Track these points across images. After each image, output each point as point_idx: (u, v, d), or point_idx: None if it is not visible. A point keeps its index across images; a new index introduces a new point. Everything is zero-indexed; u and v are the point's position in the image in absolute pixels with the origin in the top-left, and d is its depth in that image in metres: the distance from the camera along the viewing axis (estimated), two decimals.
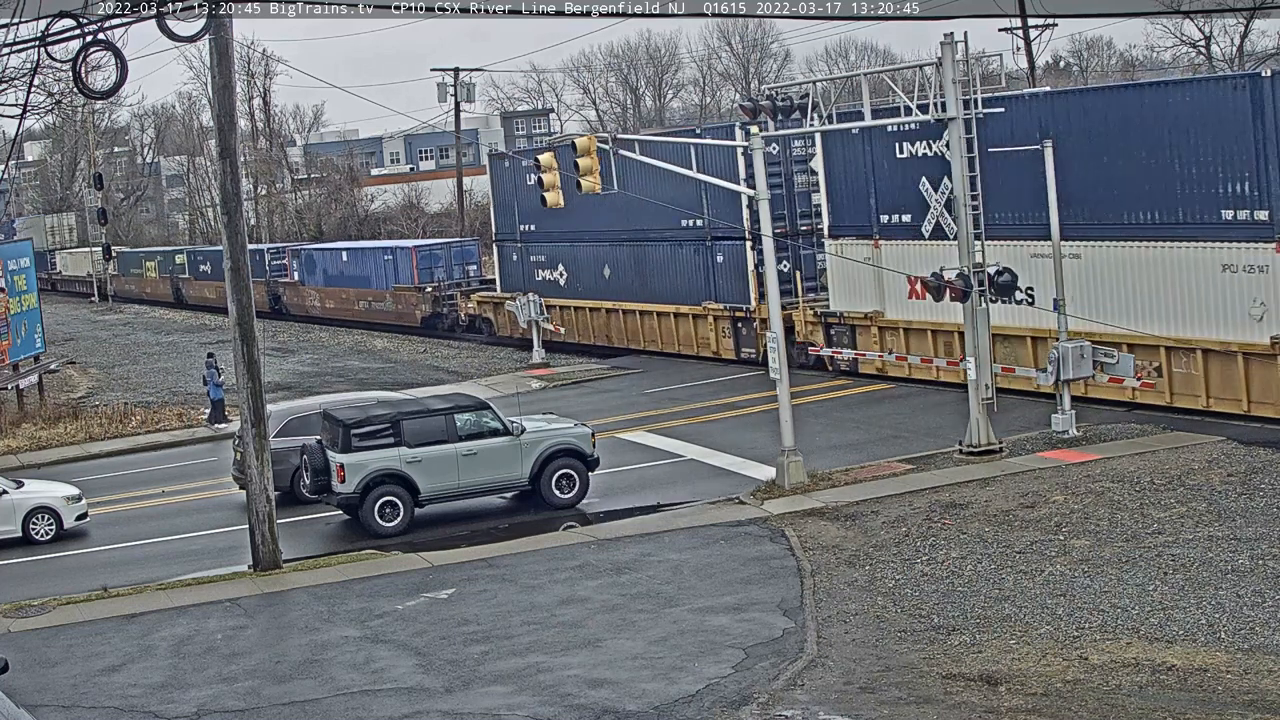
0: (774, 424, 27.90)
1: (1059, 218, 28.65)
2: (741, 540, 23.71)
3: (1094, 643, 17.68)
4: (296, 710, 17.55)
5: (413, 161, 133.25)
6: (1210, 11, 63.77)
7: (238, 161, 24.81)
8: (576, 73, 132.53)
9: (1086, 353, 28.77)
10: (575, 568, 22.87)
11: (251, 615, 21.91)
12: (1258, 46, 75.03)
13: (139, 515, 30.73)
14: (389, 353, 55.47)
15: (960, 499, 24.88)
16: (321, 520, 28.53)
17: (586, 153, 29.83)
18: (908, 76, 29.25)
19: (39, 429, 41.09)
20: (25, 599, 23.91)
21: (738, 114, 70.55)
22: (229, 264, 24.54)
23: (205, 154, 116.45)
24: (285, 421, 30.07)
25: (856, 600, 20.13)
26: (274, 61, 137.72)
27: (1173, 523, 22.32)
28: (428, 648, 19.48)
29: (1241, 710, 15.33)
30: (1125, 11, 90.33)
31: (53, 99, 53.29)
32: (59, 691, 18.88)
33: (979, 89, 28.22)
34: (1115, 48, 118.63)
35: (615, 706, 16.65)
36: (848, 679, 17.06)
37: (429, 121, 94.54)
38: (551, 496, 27.79)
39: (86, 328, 77.16)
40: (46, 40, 21.41)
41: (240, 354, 24.67)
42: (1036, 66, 59.68)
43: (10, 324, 43.82)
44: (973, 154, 27.96)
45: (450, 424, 27.31)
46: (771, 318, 27.66)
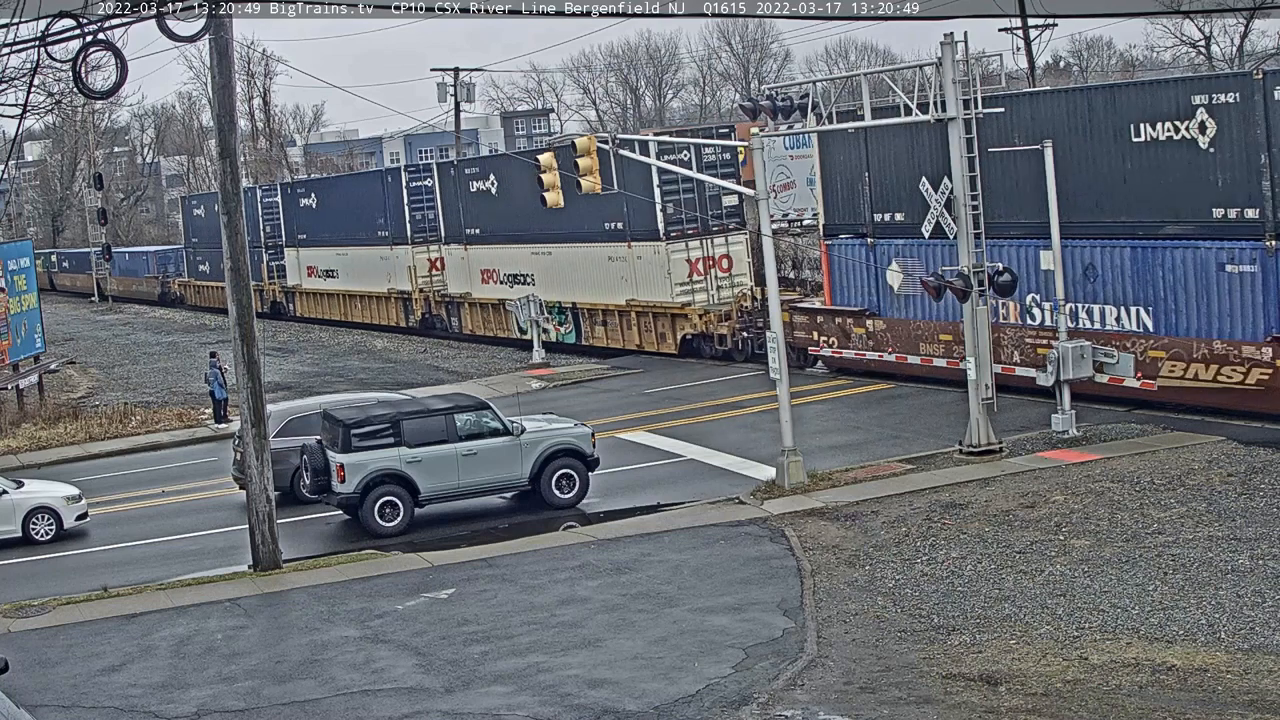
0: (774, 424, 27.90)
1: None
2: (741, 540, 23.71)
3: (1094, 643, 17.68)
4: (296, 710, 17.55)
5: (413, 162, 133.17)
6: (1210, 11, 63.80)
7: (238, 161, 24.82)
8: (576, 73, 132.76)
9: (1086, 353, 28.81)
10: (575, 568, 22.87)
11: (251, 615, 21.91)
12: (1258, 46, 75.13)
13: (139, 515, 30.73)
14: (389, 353, 55.49)
15: (960, 499, 24.88)
16: (321, 520, 28.54)
17: (587, 152, 29.87)
18: (908, 76, 29.23)
19: (39, 429, 41.10)
20: (25, 599, 23.91)
21: (738, 114, 70.56)
22: (229, 264, 24.55)
23: (205, 154, 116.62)
24: (285, 421, 30.08)
25: (856, 600, 20.13)
26: (274, 61, 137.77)
27: (1173, 523, 22.33)
28: (428, 648, 19.48)
29: (1241, 710, 15.33)
30: (1125, 11, 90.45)
31: (53, 99, 53.24)
32: (59, 691, 18.88)
33: (979, 89, 28.22)
34: (1115, 48, 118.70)
35: (615, 706, 16.65)
36: (848, 679, 17.07)
37: (429, 121, 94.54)
38: (551, 496, 27.80)
39: (86, 328, 77.22)
40: (46, 40, 21.43)
41: (240, 354, 24.68)
42: (1036, 66, 59.65)
43: (10, 324, 43.83)
44: (973, 154, 27.96)
45: (450, 424, 27.31)
46: (772, 318, 27.65)
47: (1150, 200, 29.85)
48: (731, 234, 44.37)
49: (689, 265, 43.71)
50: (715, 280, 43.83)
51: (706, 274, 43.62)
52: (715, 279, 43.81)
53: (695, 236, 43.91)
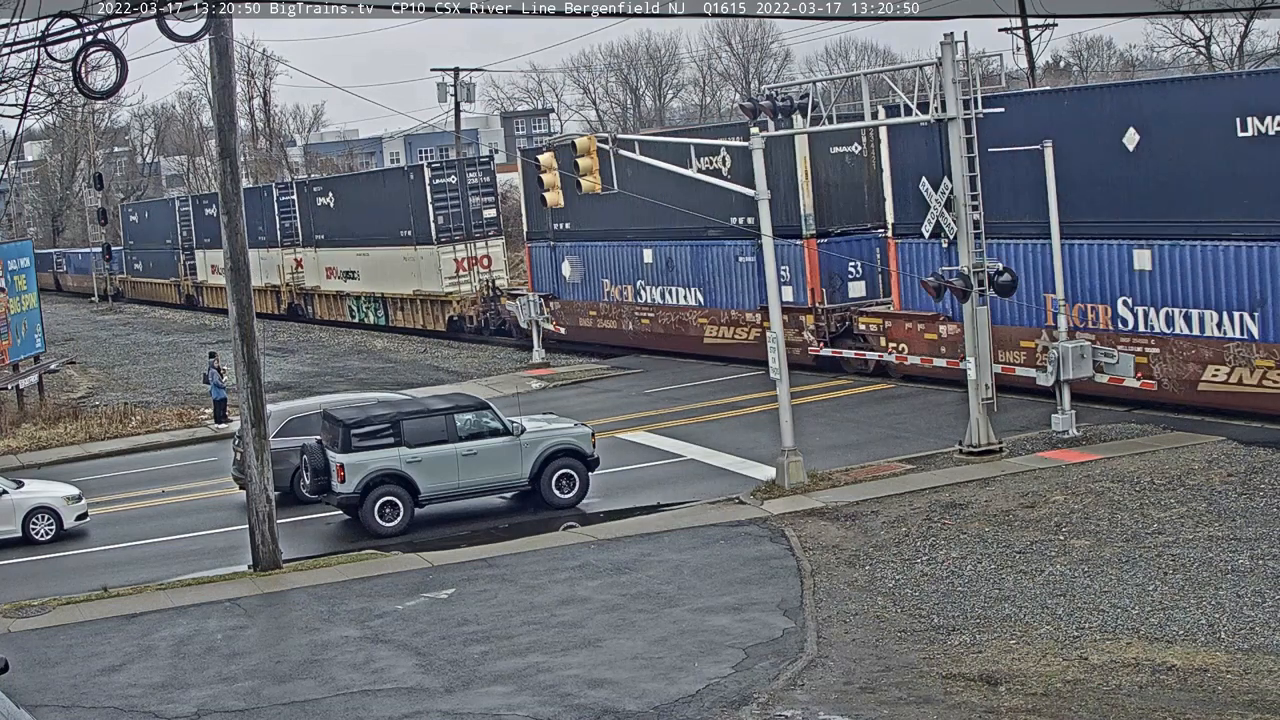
0: (774, 424, 27.90)
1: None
2: (741, 540, 23.71)
3: (1094, 643, 17.68)
4: (296, 710, 17.55)
5: (413, 162, 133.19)
6: (1210, 11, 63.74)
7: (238, 161, 24.81)
8: (576, 73, 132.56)
9: (1086, 353, 28.80)
10: (575, 568, 22.87)
11: (251, 615, 21.91)
12: (1258, 46, 75.03)
13: (139, 515, 30.73)
14: (389, 353, 55.50)
15: (960, 499, 24.88)
16: (321, 520, 28.53)
17: (587, 152, 29.87)
18: (908, 76, 29.26)
19: (39, 429, 41.08)
20: (25, 599, 23.91)
21: (738, 114, 70.54)
22: (229, 264, 24.54)
23: (205, 154, 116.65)
24: (285, 421, 30.07)
25: (856, 600, 20.13)
26: (274, 61, 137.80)
27: (1173, 523, 22.32)
28: (428, 648, 19.48)
29: (1241, 710, 15.33)
30: (1125, 11, 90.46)
31: (53, 99, 53.30)
32: (59, 691, 18.88)
33: (979, 89, 28.23)
34: (1115, 48, 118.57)
35: (615, 706, 16.65)
36: (848, 679, 17.07)
37: (429, 121, 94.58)
38: (551, 496, 27.79)
39: (86, 327, 77.22)
40: (46, 40, 21.43)
41: (240, 354, 24.67)
42: (1036, 66, 59.66)
43: (10, 324, 43.82)
44: (972, 154, 27.97)
45: (450, 424, 27.31)
46: (772, 318, 27.65)
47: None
48: (491, 239, 57.18)
49: (456, 263, 56.37)
50: (478, 275, 56.30)
51: (471, 270, 56.47)
52: (478, 274, 56.32)
53: (462, 241, 56.54)
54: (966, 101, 27.63)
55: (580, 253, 48.59)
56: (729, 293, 41.80)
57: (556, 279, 49.94)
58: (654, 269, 44.83)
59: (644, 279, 45.52)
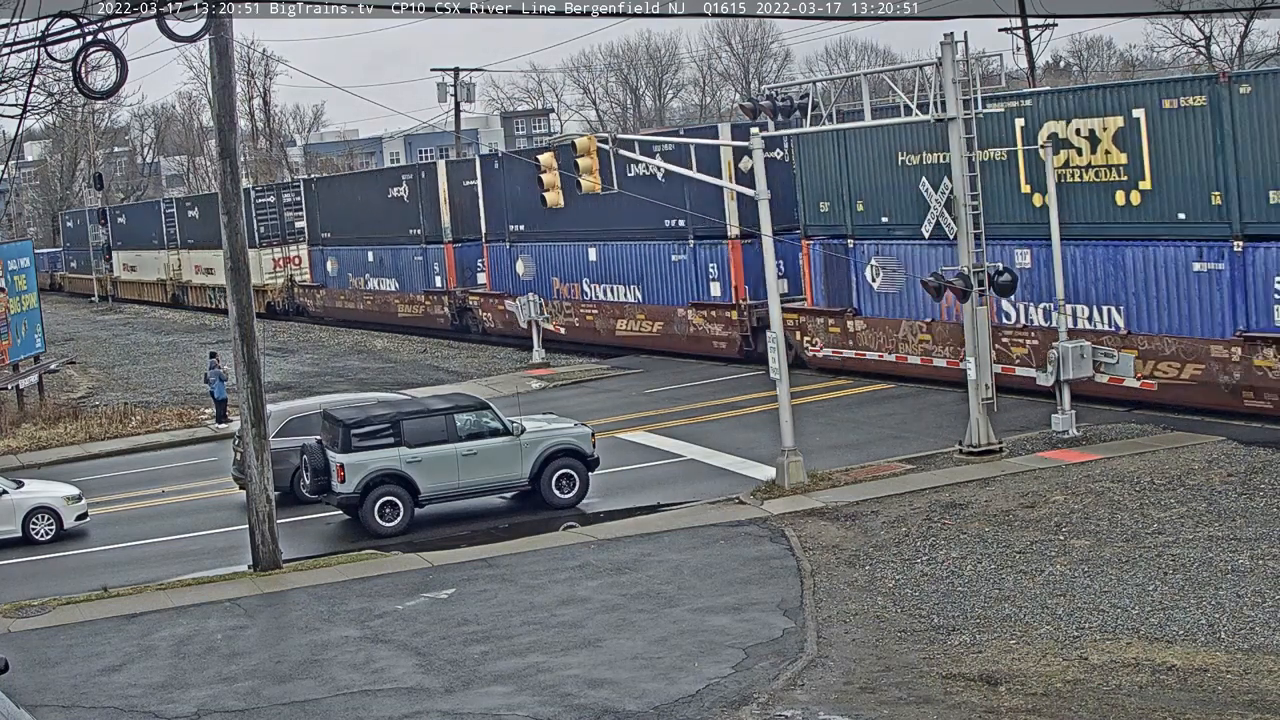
0: (774, 424, 27.90)
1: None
2: (741, 540, 23.71)
3: (1094, 643, 17.68)
4: (296, 710, 17.55)
5: (413, 161, 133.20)
6: (1210, 11, 63.67)
7: (238, 161, 24.81)
8: (576, 73, 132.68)
9: (1086, 353, 28.80)
10: (575, 568, 22.87)
11: (251, 615, 21.91)
12: (1258, 46, 75.00)
13: (139, 515, 30.73)
14: (389, 353, 55.50)
15: (960, 499, 24.88)
16: (321, 520, 28.53)
17: (586, 152, 29.86)
18: (908, 76, 29.23)
19: (39, 429, 41.07)
20: (25, 599, 23.91)
21: (738, 114, 70.58)
22: (229, 264, 24.54)
23: (205, 154, 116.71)
24: (285, 421, 30.06)
25: (856, 600, 20.13)
26: (274, 61, 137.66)
27: (1173, 523, 22.32)
28: (428, 648, 19.48)
29: (1241, 710, 15.33)
30: (1125, 11, 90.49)
31: (53, 99, 53.28)
32: (59, 691, 18.88)
33: (979, 89, 28.21)
34: (1115, 48, 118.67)
35: (615, 706, 16.65)
36: (848, 679, 17.07)
37: (429, 121, 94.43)
38: (551, 496, 27.79)
39: (86, 327, 77.22)
40: (46, 40, 21.42)
41: (240, 354, 24.67)
42: (1036, 66, 59.65)
43: (10, 324, 43.82)
44: (972, 154, 27.95)
45: (450, 424, 27.30)
46: (772, 318, 27.65)
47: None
48: (300, 244, 71.48)
49: (274, 262, 72.47)
50: (290, 271, 72.56)
51: (285, 267, 72.71)
52: (289, 270, 72.58)
53: (279, 245, 72.38)
54: (966, 101, 27.63)
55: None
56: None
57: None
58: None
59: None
